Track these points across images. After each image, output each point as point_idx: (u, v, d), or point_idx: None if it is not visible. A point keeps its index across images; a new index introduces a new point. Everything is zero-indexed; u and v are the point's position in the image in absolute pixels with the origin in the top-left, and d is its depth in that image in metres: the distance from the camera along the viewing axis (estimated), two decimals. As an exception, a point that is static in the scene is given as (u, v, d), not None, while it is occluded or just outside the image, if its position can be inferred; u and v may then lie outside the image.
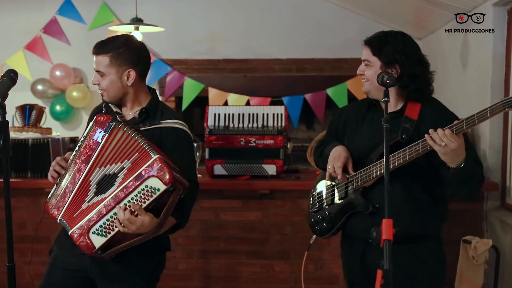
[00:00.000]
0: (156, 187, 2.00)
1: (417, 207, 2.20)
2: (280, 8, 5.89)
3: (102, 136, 2.15)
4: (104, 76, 2.26)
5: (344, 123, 2.44)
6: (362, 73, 2.30)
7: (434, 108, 2.26)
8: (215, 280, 3.46)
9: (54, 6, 5.84)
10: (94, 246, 2.09)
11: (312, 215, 2.48)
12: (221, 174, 3.43)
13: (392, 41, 2.23)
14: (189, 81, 5.87)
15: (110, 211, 2.07)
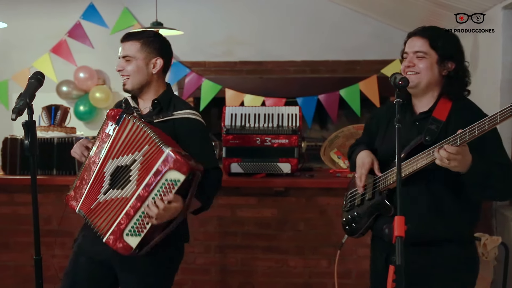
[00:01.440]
0: (176, 179, 2.02)
1: (443, 211, 2.07)
2: (295, 12, 5.88)
3: (113, 128, 2.17)
4: (131, 61, 2.30)
5: (376, 124, 2.36)
6: (413, 65, 2.13)
7: (465, 108, 2.13)
8: (231, 274, 3.46)
9: (78, 11, 5.89)
10: (131, 247, 2.09)
11: (344, 214, 2.41)
12: (238, 172, 3.43)
13: (448, 37, 2.15)
14: (207, 82, 5.88)
15: (138, 211, 2.07)
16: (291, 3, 5.88)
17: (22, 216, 3.43)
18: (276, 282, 3.44)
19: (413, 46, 2.14)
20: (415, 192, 2.07)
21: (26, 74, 5.84)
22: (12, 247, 3.47)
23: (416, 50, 2.12)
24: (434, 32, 2.14)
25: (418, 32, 2.15)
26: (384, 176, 2.17)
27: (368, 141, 2.38)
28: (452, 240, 2.09)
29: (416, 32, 2.16)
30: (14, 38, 5.96)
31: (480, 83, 3.88)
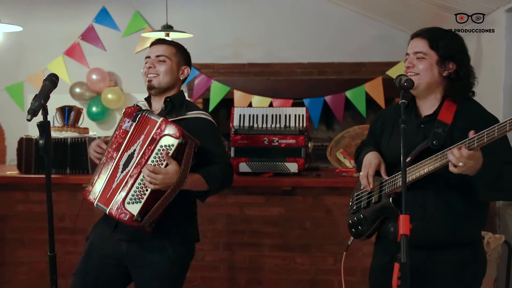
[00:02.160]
0: (170, 143, 2.11)
1: (452, 214, 2.01)
2: (301, 14, 5.88)
3: (130, 125, 2.23)
4: (165, 62, 2.37)
5: (381, 126, 2.30)
6: (412, 66, 2.08)
7: (470, 109, 2.08)
8: (239, 271, 3.46)
9: (91, 15, 5.92)
10: (132, 214, 2.12)
11: (350, 216, 2.34)
12: (246, 171, 3.43)
13: (449, 37, 2.10)
14: (216, 84, 5.89)
15: (137, 179, 2.14)
16: (297, 6, 5.88)
17: (37, 213, 3.45)
18: (283, 279, 3.44)
19: (414, 47, 2.10)
20: (422, 196, 2.03)
21: (40, 76, 5.87)
22: (27, 243, 3.49)
23: (416, 51, 2.09)
24: (435, 33, 2.10)
25: (420, 33, 2.12)
26: (390, 180, 2.13)
27: (374, 143, 2.33)
28: (460, 243, 2.05)
29: (417, 33, 2.13)
30: (29, 41, 6.00)
31: (483, 85, 3.85)
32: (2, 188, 3.50)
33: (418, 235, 1.77)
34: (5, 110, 6.18)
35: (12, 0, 5.94)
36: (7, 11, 5.53)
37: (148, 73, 2.37)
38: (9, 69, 6.12)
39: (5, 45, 6.03)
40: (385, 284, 2.09)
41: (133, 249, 2.25)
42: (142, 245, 2.25)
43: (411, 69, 2.08)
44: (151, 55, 2.40)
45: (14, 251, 3.51)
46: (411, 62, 2.09)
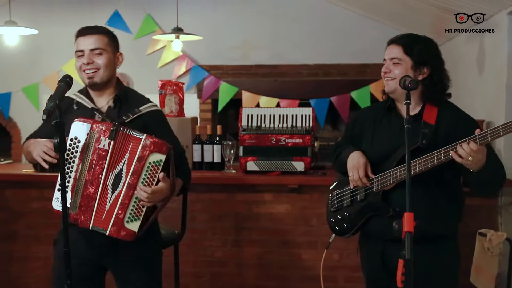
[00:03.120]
0: (158, 159, 2.08)
1: (436, 208, 2.09)
2: (307, 18, 5.87)
3: (108, 143, 2.11)
4: (103, 54, 2.22)
5: (360, 126, 2.32)
6: (389, 71, 2.16)
7: (451, 112, 2.15)
8: (247, 267, 3.46)
9: (104, 17, 5.93)
10: (134, 231, 2.12)
11: (331, 214, 2.39)
12: (254, 170, 3.43)
13: (423, 43, 2.14)
14: (224, 85, 5.89)
15: (132, 198, 2.10)
16: (304, 9, 5.87)
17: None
18: (290, 275, 3.44)
19: (390, 53, 2.16)
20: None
21: (55, 77, 5.90)
22: (42, 239, 3.50)
23: (392, 57, 2.14)
24: (409, 39, 2.15)
25: (395, 40, 2.17)
26: (379, 178, 2.15)
27: (351, 144, 2.34)
28: (447, 236, 2.14)
29: (393, 40, 2.18)
30: (44, 44, 6.02)
31: (487, 86, 3.84)
32: (18, 185, 3.52)
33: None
34: (21, 110, 6.22)
35: (28, 4, 5.98)
36: (23, 15, 5.56)
37: (86, 69, 2.21)
38: (25, 70, 6.15)
39: (22, 47, 6.06)
40: (383, 279, 2.18)
41: (110, 252, 2.24)
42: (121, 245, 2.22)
43: (387, 74, 2.15)
44: (84, 48, 2.20)
45: (30, 246, 3.53)
46: (387, 67, 2.15)
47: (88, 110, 2.26)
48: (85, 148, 2.12)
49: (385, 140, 2.19)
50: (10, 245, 3.53)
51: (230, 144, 3.46)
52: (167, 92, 3.75)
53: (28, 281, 3.53)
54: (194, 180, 3.24)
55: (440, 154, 1.96)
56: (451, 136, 2.02)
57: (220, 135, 3.64)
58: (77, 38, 2.25)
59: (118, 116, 2.24)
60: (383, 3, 4.99)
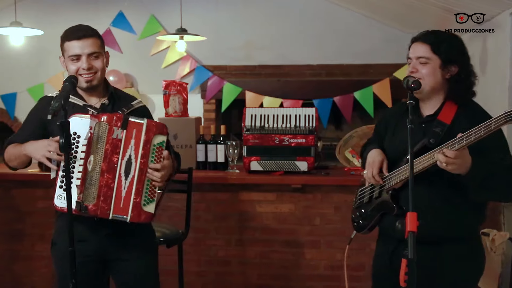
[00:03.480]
0: (161, 140, 2.18)
1: (450, 209, 2.00)
2: (311, 18, 5.87)
3: (121, 132, 2.14)
4: (99, 57, 2.21)
5: (385, 125, 2.29)
6: (416, 70, 2.04)
7: (468, 111, 2.05)
8: (251, 266, 3.46)
9: (109, 18, 5.94)
10: (151, 213, 2.17)
11: (353, 210, 2.38)
12: (257, 170, 3.43)
13: (450, 40, 2.05)
14: (228, 85, 5.89)
15: (144, 182, 2.15)
16: (307, 10, 5.87)
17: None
18: (293, 274, 3.44)
19: (416, 51, 2.06)
20: (417, 192, 1.92)
21: (60, 77, 5.91)
22: (47, 239, 3.47)
23: (419, 56, 2.04)
24: (436, 37, 2.05)
25: (421, 38, 2.07)
26: (390, 176, 2.13)
27: (378, 141, 2.32)
28: (458, 239, 2.03)
29: (419, 37, 2.08)
30: (49, 44, 6.02)
31: (489, 86, 3.83)
32: (24, 185, 3.53)
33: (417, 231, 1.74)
34: (26, 110, 6.18)
35: (33, 6, 5.99)
36: (29, 16, 5.57)
37: (85, 73, 2.19)
38: (30, 71, 6.16)
39: (27, 48, 6.08)
40: (388, 279, 2.11)
41: (112, 245, 2.25)
42: (124, 236, 2.25)
43: (414, 74, 2.04)
44: (81, 52, 2.18)
45: (35, 245, 3.54)
46: (414, 67, 2.05)
47: (80, 107, 2.25)
48: (92, 141, 2.12)
49: (402, 139, 2.11)
50: (15, 244, 3.54)
51: (233, 144, 3.46)
52: (171, 92, 3.76)
53: (33, 280, 3.54)
54: (198, 179, 3.26)
55: (431, 156, 1.91)
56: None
57: (224, 135, 3.64)
58: (68, 41, 2.22)
59: (112, 111, 2.25)
60: (386, 3, 4.98)
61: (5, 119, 6.37)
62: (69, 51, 2.22)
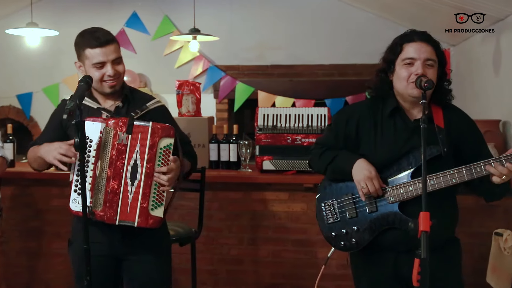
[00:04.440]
0: (168, 143, 2.14)
1: (445, 214, 1.98)
2: (323, 18, 5.85)
3: (126, 137, 2.12)
4: (121, 62, 2.23)
5: (356, 127, 2.08)
6: (423, 73, 1.92)
7: (457, 114, 2.04)
8: (263, 264, 3.46)
9: (123, 19, 5.98)
10: (159, 217, 2.14)
11: (328, 227, 2.12)
12: (270, 169, 3.43)
13: (437, 41, 1.99)
14: (241, 85, 5.90)
15: (151, 186, 2.12)
16: (319, 10, 5.85)
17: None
18: (305, 273, 3.43)
19: (423, 53, 1.93)
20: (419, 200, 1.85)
21: (75, 77, 5.95)
22: (63, 236, 3.54)
23: (428, 58, 1.93)
24: (433, 39, 1.99)
25: (423, 38, 1.96)
26: (394, 188, 1.97)
27: (344, 146, 2.12)
28: (453, 240, 2.08)
29: (423, 38, 1.96)
30: (64, 45, 6.06)
31: (503, 87, 3.79)
32: (39, 183, 3.56)
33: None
34: (42, 110, 6.28)
35: (49, 7, 6.04)
36: (44, 17, 5.62)
37: (109, 79, 2.19)
38: (46, 71, 6.22)
39: (43, 48, 6.13)
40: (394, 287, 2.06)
41: (125, 244, 2.24)
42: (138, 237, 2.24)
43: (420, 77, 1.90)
44: (106, 59, 2.16)
45: (51, 243, 3.57)
46: (424, 70, 1.92)
47: (94, 110, 2.25)
48: (101, 146, 2.12)
49: (392, 146, 2.01)
50: (32, 241, 3.58)
51: (246, 144, 3.46)
52: (184, 92, 3.77)
53: (49, 277, 3.58)
54: (211, 178, 3.26)
55: (470, 171, 1.86)
56: (462, 141, 1.98)
57: (236, 134, 3.65)
58: (91, 48, 2.18)
59: (126, 114, 2.24)
60: (398, 3, 4.95)
61: (21, 119, 6.43)
62: (92, 58, 2.18)
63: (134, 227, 2.13)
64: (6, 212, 3.39)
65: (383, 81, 2.07)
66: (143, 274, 2.28)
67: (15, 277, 3.59)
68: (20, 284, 3.59)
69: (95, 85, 2.21)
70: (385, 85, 2.06)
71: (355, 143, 2.09)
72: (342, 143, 2.13)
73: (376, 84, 2.10)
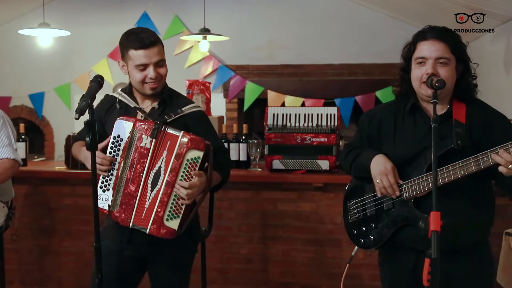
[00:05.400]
0: (196, 156, 2.05)
1: (464, 216, 1.91)
2: (332, 18, 5.84)
3: (150, 141, 2.08)
4: (164, 64, 2.21)
5: (378, 127, 2.10)
6: (434, 72, 1.88)
7: (481, 108, 1.95)
8: (272, 263, 3.46)
9: (133, 19, 6.00)
10: (173, 229, 2.09)
11: (351, 225, 2.15)
12: (279, 168, 3.42)
13: (458, 37, 1.93)
14: (250, 84, 5.90)
15: (170, 196, 2.07)
16: (328, 9, 5.84)
17: (83, 206, 3.52)
18: (315, 272, 3.42)
19: (435, 51, 1.89)
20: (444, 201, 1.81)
21: (86, 77, 5.99)
22: (74, 234, 3.56)
23: (439, 56, 1.89)
24: (449, 35, 1.93)
25: (436, 35, 1.91)
26: (410, 184, 1.95)
27: (368, 146, 2.14)
28: (477, 243, 1.99)
29: (434, 35, 1.92)
30: (75, 45, 6.12)
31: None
32: (51, 182, 3.58)
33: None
34: (53, 109, 6.33)
35: (61, 7, 6.08)
36: (56, 17, 5.65)
37: (151, 82, 2.18)
38: (57, 71, 6.26)
39: (54, 48, 6.17)
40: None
41: (150, 246, 2.24)
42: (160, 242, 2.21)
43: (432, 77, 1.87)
44: (148, 61, 2.15)
45: (62, 241, 3.59)
46: (435, 69, 1.88)
47: (131, 109, 2.25)
48: (127, 147, 2.11)
49: (410, 142, 1.99)
50: (44, 239, 3.60)
51: (255, 143, 3.46)
52: (194, 91, 3.77)
53: (61, 275, 3.59)
54: (221, 178, 3.26)
55: (478, 160, 1.78)
56: (485, 136, 1.89)
57: (246, 133, 3.64)
58: (134, 50, 2.16)
59: (160, 116, 2.22)
60: (408, 2, 4.92)
61: (33, 118, 6.48)
62: (135, 60, 2.17)
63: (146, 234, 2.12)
64: (19, 210, 3.42)
65: (403, 79, 2.06)
66: (165, 281, 2.30)
67: (27, 274, 3.61)
68: (32, 281, 3.61)
69: (136, 86, 2.23)
70: (405, 83, 2.05)
71: (378, 143, 2.10)
72: (367, 143, 2.15)
73: (398, 83, 2.09)
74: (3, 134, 2.79)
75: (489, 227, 2.01)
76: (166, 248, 2.24)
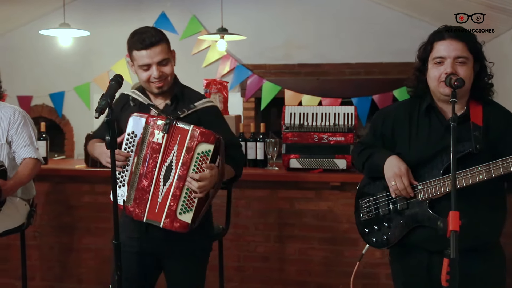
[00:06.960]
0: (206, 149, 2.06)
1: (480, 217, 1.90)
2: (350, 17, 5.81)
3: (161, 136, 2.10)
4: (168, 63, 2.21)
5: (392, 126, 2.08)
6: (453, 71, 1.86)
7: (497, 111, 1.95)
8: (289, 262, 3.45)
9: (152, 19, 6.04)
10: (187, 223, 2.10)
11: (363, 224, 2.14)
12: (296, 167, 3.41)
13: (474, 37, 1.92)
14: (267, 83, 5.89)
15: (183, 189, 2.08)
16: (346, 8, 5.81)
17: (102, 204, 3.55)
18: (331, 271, 3.40)
19: (453, 50, 1.87)
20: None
21: (105, 77, 6.05)
22: (93, 232, 3.59)
23: (458, 56, 1.87)
24: (467, 34, 1.91)
25: (454, 35, 1.90)
26: (425, 186, 1.94)
27: (381, 146, 2.12)
28: (489, 242, 1.99)
29: (452, 35, 1.90)
30: (95, 45, 6.18)
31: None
32: (71, 180, 3.62)
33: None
34: (73, 108, 6.40)
35: (80, 8, 6.14)
36: (76, 18, 5.71)
37: (156, 81, 2.19)
38: (77, 70, 6.33)
39: (74, 48, 6.24)
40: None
41: (166, 243, 2.25)
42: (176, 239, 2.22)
43: (450, 76, 1.85)
44: (151, 61, 2.16)
45: (82, 238, 3.62)
46: (453, 68, 1.86)
47: (144, 106, 2.27)
48: (140, 142, 2.13)
49: (425, 144, 1.97)
50: (64, 237, 3.64)
51: (273, 142, 3.45)
52: (212, 91, 3.78)
53: (80, 271, 3.63)
54: (238, 176, 3.26)
55: (497, 166, 1.77)
56: (502, 139, 1.88)
57: (263, 132, 3.64)
58: (137, 50, 2.18)
59: (173, 112, 2.23)
60: (426, 1, 4.87)
61: (54, 117, 6.56)
62: (138, 60, 2.19)
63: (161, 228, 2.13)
64: (40, 208, 3.46)
65: (419, 79, 2.04)
66: (181, 278, 2.31)
67: (48, 270, 3.66)
68: (53, 278, 3.66)
69: (143, 85, 2.26)
70: (421, 83, 2.03)
71: (392, 142, 2.09)
72: (380, 142, 2.14)
73: (413, 83, 2.06)
74: (24, 133, 2.83)
75: (501, 227, 2.01)
76: (181, 244, 2.25)
